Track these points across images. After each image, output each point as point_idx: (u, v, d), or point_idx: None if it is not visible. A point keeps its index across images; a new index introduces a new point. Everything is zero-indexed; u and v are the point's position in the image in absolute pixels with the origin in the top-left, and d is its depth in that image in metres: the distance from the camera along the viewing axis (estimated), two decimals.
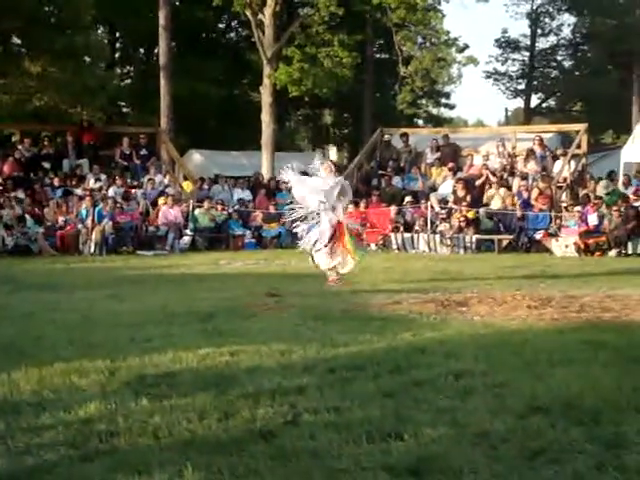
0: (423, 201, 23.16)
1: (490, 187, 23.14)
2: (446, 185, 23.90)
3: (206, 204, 23.22)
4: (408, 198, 23.43)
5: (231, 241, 22.82)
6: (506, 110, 57.42)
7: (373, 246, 22.10)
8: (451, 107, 48.27)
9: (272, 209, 23.85)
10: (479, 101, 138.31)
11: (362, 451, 4.57)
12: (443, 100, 46.45)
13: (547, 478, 4.14)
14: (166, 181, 25.07)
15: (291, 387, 5.90)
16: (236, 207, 24.11)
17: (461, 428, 4.92)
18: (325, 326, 8.68)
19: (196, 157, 32.30)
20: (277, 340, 7.65)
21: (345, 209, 14.00)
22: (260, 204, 24.54)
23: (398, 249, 21.82)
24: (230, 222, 23.25)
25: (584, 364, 6.59)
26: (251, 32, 30.84)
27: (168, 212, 22.52)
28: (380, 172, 25.64)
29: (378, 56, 41.76)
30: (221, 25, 41.83)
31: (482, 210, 22.27)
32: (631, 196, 21.69)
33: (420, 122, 45.45)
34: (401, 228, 22.39)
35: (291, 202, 14.00)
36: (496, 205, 22.49)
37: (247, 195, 25.14)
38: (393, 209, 22.87)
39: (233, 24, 41.72)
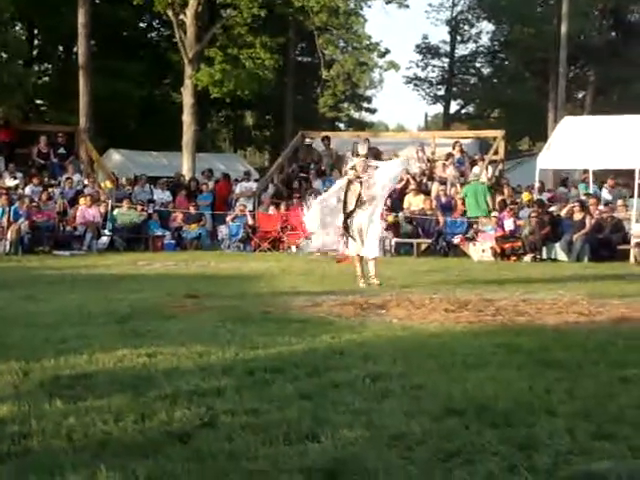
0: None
1: (410, 192, 23.33)
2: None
3: (125, 204, 22.99)
4: None
5: (150, 242, 22.63)
6: (426, 115, 58.20)
7: (294, 248, 22.13)
8: (372, 111, 48.81)
9: (192, 210, 23.72)
10: (400, 106, 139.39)
11: (279, 453, 4.57)
12: (364, 104, 46.81)
13: (461, 479, 4.20)
14: (85, 181, 24.74)
15: (209, 389, 5.88)
16: (156, 208, 23.92)
17: (377, 430, 4.97)
18: (244, 328, 8.66)
19: (115, 157, 31.95)
20: (196, 342, 7.61)
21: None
22: (180, 205, 24.38)
23: (319, 252, 21.84)
24: (150, 223, 23.06)
25: (498, 367, 6.71)
26: (173, 32, 30.63)
27: (86, 212, 22.22)
28: (301, 175, 25.67)
29: (300, 59, 41.88)
30: (142, 25, 41.44)
31: (402, 214, 22.46)
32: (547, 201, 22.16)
33: (341, 126, 45.69)
34: None
35: None
36: (415, 209, 22.70)
37: (167, 196, 24.96)
38: None
39: (154, 24, 41.37)
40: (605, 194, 23.05)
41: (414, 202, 22.88)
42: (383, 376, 6.33)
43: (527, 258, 20.27)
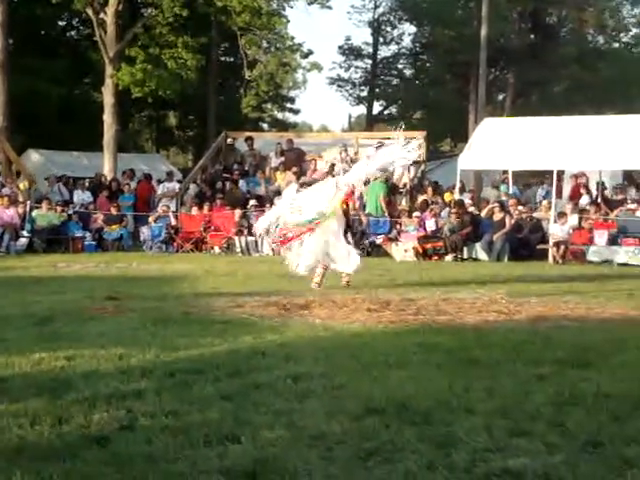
0: (267, 205, 23.20)
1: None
2: (290, 189, 23.96)
3: (45, 205, 22.62)
4: (252, 202, 23.46)
5: (70, 243, 22.29)
6: (349, 116, 58.41)
7: (217, 249, 22.06)
8: (296, 112, 48.76)
9: (113, 211, 23.44)
10: (324, 107, 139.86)
11: (199, 455, 4.55)
12: (288, 105, 46.83)
13: (380, 478, 4.22)
14: (2, 180, 24.28)
15: (128, 391, 5.82)
16: (76, 209, 23.60)
17: (298, 430, 4.97)
18: (165, 329, 8.59)
19: (34, 157, 31.39)
20: (116, 344, 7.52)
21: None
22: (101, 206, 24.09)
23: (242, 252, 21.81)
24: (70, 224, 22.72)
25: (419, 366, 6.77)
26: (93, 31, 30.24)
27: (4, 212, 21.81)
28: (224, 175, 25.56)
29: (223, 59, 41.71)
30: (61, 23, 40.81)
31: None
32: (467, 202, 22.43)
33: (265, 126, 45.64)
34: (245, 231, 22.39)
35: None
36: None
37: (88, 196, 24.64)
38: (237, 212, 22.84)
39: (74, 22, 40.78)
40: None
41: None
42: (304, 376, 6.34)
43: (448, 258, 20.50)
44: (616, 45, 49.73)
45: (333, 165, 24.07)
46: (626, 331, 8.71)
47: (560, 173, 22.47)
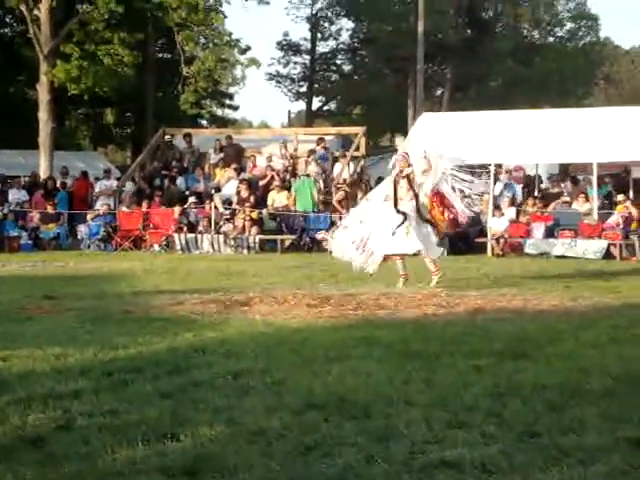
0: (207, 201, 23.13)
1: (274, 188, 23.36)
2: (230, 186, 23.96)
3: None
4: (192, 199, 23.34)
5: (6, 243, 21.95)
6: (289, 112, 58.28)
7: (156, 247, 21.90)
8: (235, 108, 48.60)
9: (50, 209, 23.15)
10: (263, 103, 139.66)
11: (137, 453, 4.50)
12: (227, 101, 46.64)
13: (319, 472, 4.23)
14: None
15: (65, 391, 5.75)
16: (11, 207, 23.24)
17: (238, 426, 4.95)
18: (104, 328, 8.51)
19: None
20: (53, 344, 7.43)
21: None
22: (37, 204, 23.76)
23: (182, 250, 21.68)
24: (5, 223, 22.37)
25: (359, 360, 6.79)
26: (27, 28, 29.79)
27: None
28: (163, 172, 25.38)
29: (160, 55, 41.39)
30: None
31: (265, 211, 22.50)
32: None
33: (204, 122, 45.39)
34: (185, 229, 22.27)
35: None
36: (279, 206, 22.76)
37: (23, 195, 24.29)
38: (177, 209, 22.70)
39: (7, 19, 40.11)
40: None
41: (278, 199, 22.94)
42: (244, 373, 6.33)
43: None
44: (551, 39, 50.41)
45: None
46: (562, 322, 8.82)
47: (497, 166, 22.69)
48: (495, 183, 21.83)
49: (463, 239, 21.01)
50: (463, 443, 4.58)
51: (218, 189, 24.21)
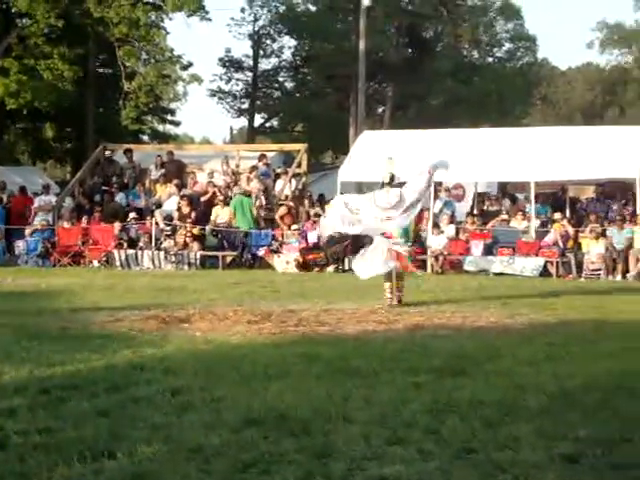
0: (148, 217, 22.99)
1: (216, 204, 23.30)
2: (171, 202, 23.85)
3: None
4: (132, 214, 23.17)
5: None
6: (231, 129, 58.25)
7: (96, 263, 21.70)
8: (177, 124, 48.31)
9: None
10: (206, 119, 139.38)
11: (74, 472, 4.46)
12: (168, 117, 46.39)
13: None
14: None
15: (0, 409, 5.67)
16: None
17: (176, 444, 4.93)
18: (41, 345, 8.40)
19: None
20: None
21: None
22: None
23: (122, 266, 21.50)
24: None
25: (299, 376, 6.80)
26: None
27: None
28: (103, 188, 25.18)
29: (101, 71, 41.07)
30: None
31: (208, 227, 22.43)
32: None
33: (145, 138, 45.10)
34: (125, 245, 22.10)
35: None
36: (221, 222, 22.70)
37: None
38: (117, 225, 22.52)
39: None
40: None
41: (220, 214, 22.88)
42: (184, 390, 6.30)
43: (330, 269, 20.65)
44: (490, 60, 51.08)
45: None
46: (500, 339, 8.93)
47: (437, 184, 22.88)
48: (435, 201, 22.01)
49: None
50: (401, 460, 4.61)
51: (159, 205, 24.07)
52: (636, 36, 46.51)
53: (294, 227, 22.29)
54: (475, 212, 22.62)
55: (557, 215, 20.74)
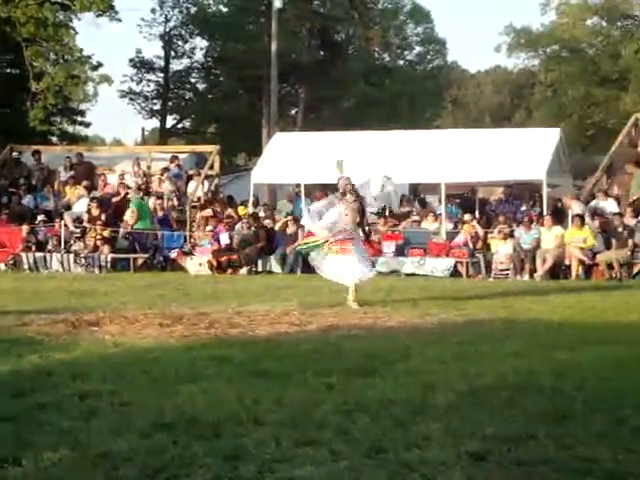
0: (57, 220, 22.61)
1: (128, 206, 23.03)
2: (80, 204, 23.52)
3: None
4: (41, 217, 22.78)
5: None
6: (143, 130, 57.57)
7: (2, 266, 21.27)
8: (87, 125, 47.57)
9: None
10: (117, 120, 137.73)
11: None
12: (78, 118, 45.68)
13: None
14: None
15: None
16: None
17: (83, 449, 4.84)
18: None
19: None
20: None
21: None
22: None
23: (30, 269, 21.13)
24: None
25: (210, 379, 6.75)
26: None
27: None
28: (10, 190, 24.68)
29: (8, 71, 40.25)
30: None
31: (122, 230, 22.15)
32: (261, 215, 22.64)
33: (54, 139, 44.32)
34: (33, 247, 21.71)
35: None
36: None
37: None
38: (25, 228, 22.10)
39: None
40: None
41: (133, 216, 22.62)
42: (92, 394, 6.21)
43: (243, 271, 20.60)
44: (401, 62, 51.58)
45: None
46: (410, 339, 9.02)
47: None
48: None
49: None
50: (311, 461, 4.60)
51: (68, 207, 23.72)
52: (542, 40, 47.42)
53: (208, 228, 22.17)
54: (387, 213, 22.81)
55: (467, 216, 21.04)
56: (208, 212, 22.94)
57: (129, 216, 22.23)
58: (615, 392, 6.14)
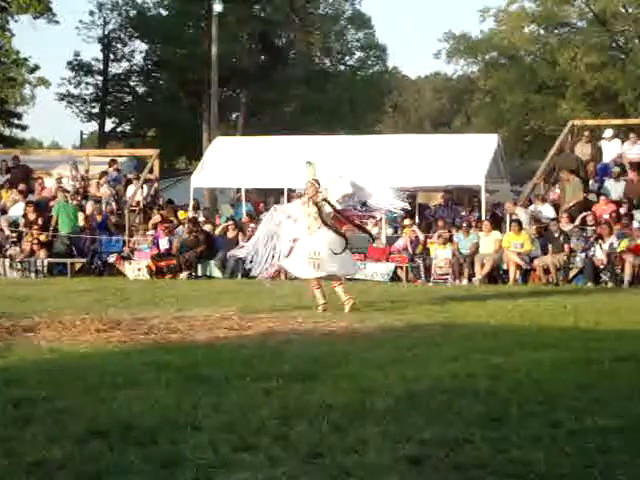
0: None
1: None
2: (16, 208, 23.22)
3: None
4: None
5: None
6: (81, 133, 56.99)
7: None
8: (23, 128, 46.90)
9: None
10: (55, 123, 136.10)
11: None
12: (15, 121, 45.05)
13: None
14: None
15: None
16: None
17: (17, 457, 4.77)
18: None
19: None
20: None
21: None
22: None
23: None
24: None
25: (147, 385, 6.70)
26: None
27: None
28: None
29: None
30: None
31: (62, 233, 21.88)
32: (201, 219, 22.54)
33: None
34: None
35: None
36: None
37: None
38: None
39: None
40: None
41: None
42: (26, 401, 6.11)
43: (183, 276, 20.48)
44: (342, 68, 51.71)
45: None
46: (350, 344, 9.04)
47: (291, 191, 23.02)
48: None
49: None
50: (249, 466, 4.59)
51: (4, 211, 23.39)
52: (481, 47, 47.91)
53: (149, 233, 22.00)
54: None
55: (407, 221, 21.14)
56: (157, 218, 22.74)
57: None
58: (550, 395, 6.20)
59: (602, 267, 18.56)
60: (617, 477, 4.34)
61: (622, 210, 20.01)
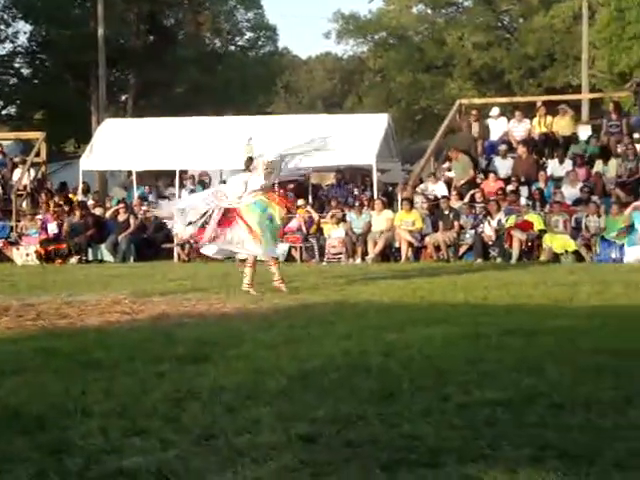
0: None
1: None
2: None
3: None
4: None
5: None
6: None
7: None
8: None
9: None
10: None
11: None
12: None
13: None
14: None
15: None
16: None
17: None
18: None
19: None
20: None
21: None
22: None
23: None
24: None
25: (35, 372, 6.54)
26: None
27: None
28: None
29: None
30: None
31: None
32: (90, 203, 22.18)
33: None
34: None
35: None
36: None
37: None
38: None
39: None
40: None
41: None
42: None
43: (73, 260, 20.15)
44: (232, 48, 51.40)
45: None
46: (243, 324, 9.01)
47: (182, 173, 22.85)
48: (181, 189, 21.97)
49: (149, 245, 20.98)
50: (140, 450, 4.52)
51: None
52: (370, 27, 48.22)
53: (39, 217, 21.55)
54: None
55: (300, 201, 21.20)
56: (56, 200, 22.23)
57: None
58: (440, 370, 6.29)
59: (491, 243, 18.96)
60: (503, 447, 4.42)
61: (509, 187, 20.44)
